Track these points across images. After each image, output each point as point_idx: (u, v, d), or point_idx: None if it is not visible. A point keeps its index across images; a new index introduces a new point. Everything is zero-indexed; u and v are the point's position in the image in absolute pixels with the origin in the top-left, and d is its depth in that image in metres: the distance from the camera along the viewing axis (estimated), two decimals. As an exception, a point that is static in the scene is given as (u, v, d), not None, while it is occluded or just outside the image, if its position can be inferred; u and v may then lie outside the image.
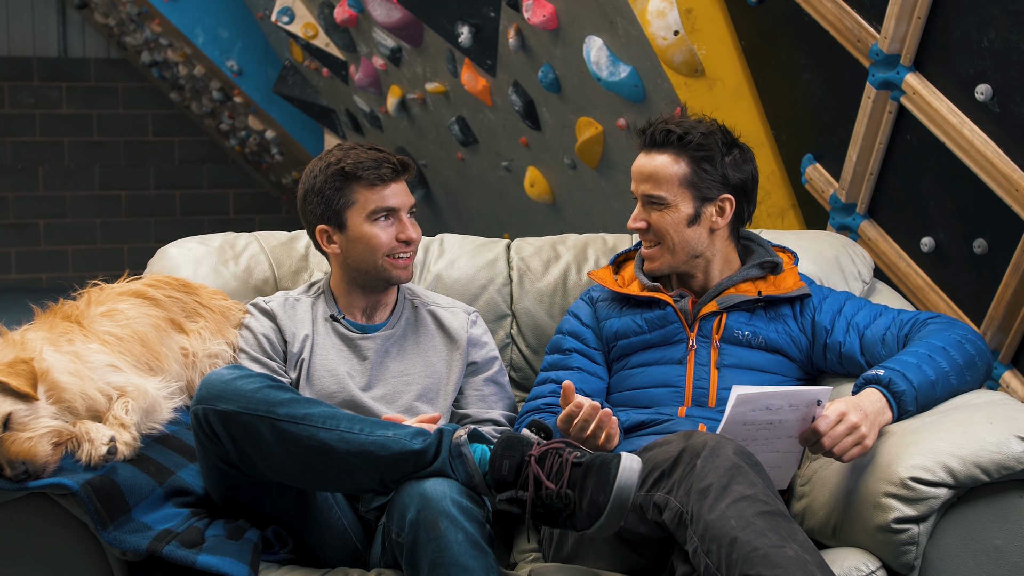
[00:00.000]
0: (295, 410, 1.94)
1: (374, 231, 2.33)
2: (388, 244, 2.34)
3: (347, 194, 2.33)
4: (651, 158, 2.32)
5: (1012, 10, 2.41)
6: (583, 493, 1.82)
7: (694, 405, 2.27)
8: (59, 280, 6.44)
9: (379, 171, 2.31)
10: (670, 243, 2.32)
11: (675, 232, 2.31)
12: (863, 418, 1.95)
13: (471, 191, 6.11)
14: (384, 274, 2.36)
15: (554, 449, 1.87)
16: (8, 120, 9.83)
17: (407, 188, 2.38)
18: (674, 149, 2.30)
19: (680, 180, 2.29)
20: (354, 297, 2.42)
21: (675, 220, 2.30)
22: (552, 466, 1.85)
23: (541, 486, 1.84)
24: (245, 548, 1.96)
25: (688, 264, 2.34)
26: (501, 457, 1.88)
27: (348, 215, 2.34)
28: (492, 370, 2.45)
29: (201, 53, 7.75)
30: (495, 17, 4.28)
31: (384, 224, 2.34)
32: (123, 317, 2.23)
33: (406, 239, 2.35)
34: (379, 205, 2.33)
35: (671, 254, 2.33)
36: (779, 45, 3.22)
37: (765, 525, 1.75)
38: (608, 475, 1.80)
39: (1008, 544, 1.88)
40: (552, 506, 1.84)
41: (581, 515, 1.82)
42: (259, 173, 10.21)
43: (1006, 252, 2.56)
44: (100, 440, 1.97)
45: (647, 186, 2.31)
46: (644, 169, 2.32)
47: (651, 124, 2.33)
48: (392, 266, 2.36)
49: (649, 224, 2.32)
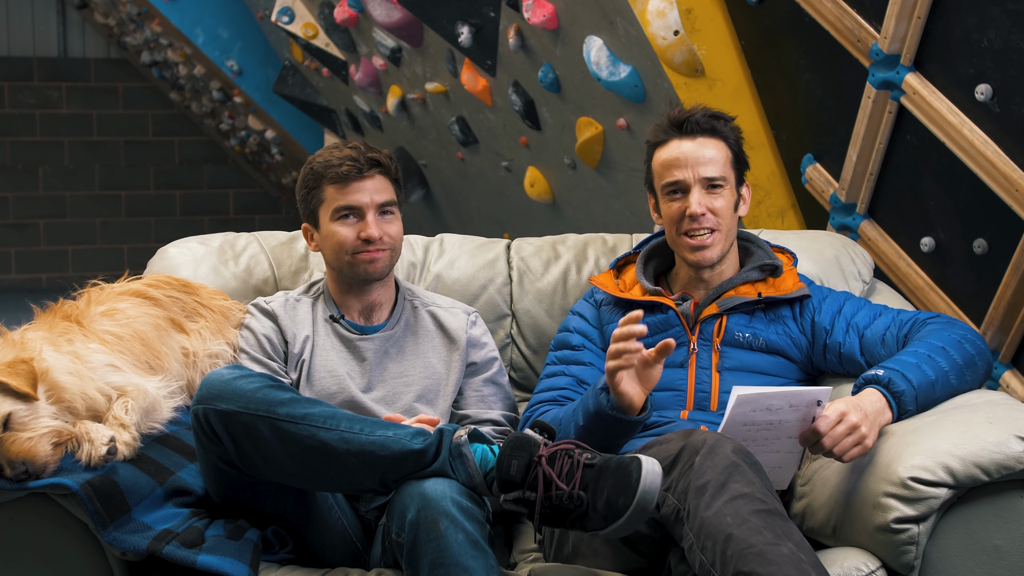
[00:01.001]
0: (295, 410, 1.93)
1: (337, 228, 2.34)
2: (351, 243, 2.33)
3: (318, 193, 2.35)
4: (699, 142, 2.30)
5: (1012, 10, 2.41)
6: (597, 494, 1.81)
7: (696, 409, 2.27)
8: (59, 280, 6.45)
9: (339, 169, 2.32)
10: (726, 227, 2.31)
11: (729, 215, 2.31)
12: (863, 418, 1.95)
13: (471, 191, 6.11)
14: (354, 271, 2.36)
15: (563, 450, 1.87)
16: (8, 120, 9.83)
17: (381, 185, 2.35)
18: (716, 134, 2.31)
19: (730, 162, 2.32)
20: (347, 298, 2.42)
21: (728, 203, 2.31)
22: (563, 467, 1.84)
23: (551, 487, 1.83)
24: (245, 548, 1.96)
25: (730, 251, 2.35)
26: (510, 457, 1.87)
27: (320, 214, 2.36)
28: (491, 371, 2.45)
29: (201, 53, 7.75)
30: (495, 17, 4.28)
31: (349, 222, 2.34)
32: (123, 317, 2.23)
33: (366, 237, 2.33)
34: (341, 203, 2.33)
35: (726, 239, 2.32)
36: (779, 45, 3.22)
37: (761, 523, 1.75)
38: (629, 477, 1.78)
39: (1008, 544, 1.88)
40: (562, 507, 1.83)
41: (595, 516, 1.81)
42: (259, 173, 10.21)
43: (1006, 252, 2.56)
44: (100, 440, 1.97)
45: (709, 168, 2.29)
46: (697, 154, 2.30)
47: (688, 112, 2.33)
48: (360, 262, 2.34)
49: (709, 210, 2.30)
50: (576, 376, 2.36)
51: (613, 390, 2.06)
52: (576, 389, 2.34)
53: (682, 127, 2.31)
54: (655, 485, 1.78)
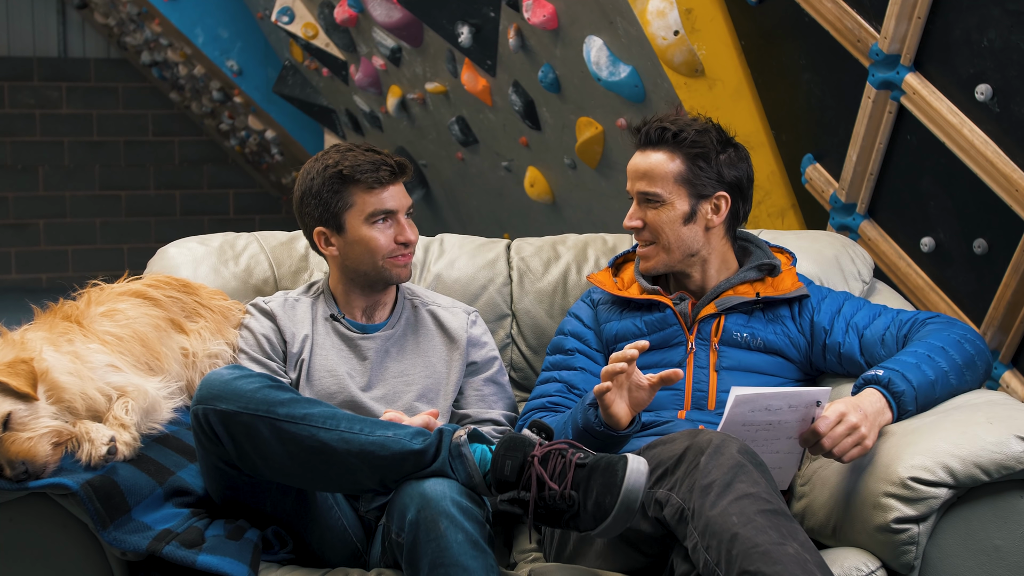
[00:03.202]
0: (295, 410, 1.94)
1: (373, 234, 2.33)
2: (387, 247, 2.34)
3: (345, 197, 2.33)
4: (646, 156, 2.32)
5: (1012, 10, 2.41)
6: (588, 494, 1.82)
7: (693, 408, 2.27)
8: (59, 280, 6.44)
9: (377, 174, 2.32)
10: (665, 241, 2.31)
11: (670, 230, 2.30)
12: (863, 419, 1.95)
13: (471, 191, 6.11)
14: (384, 275, 2.37)
15: (557, 450, 1.87)
16: (8, 120, 9.83)
17: (404, 189, 2.39)
18: (669, 147, 2.30)
19: (675, 177, 2.29)
20: (353, 297, 2.42)
21: (670, 218, 2.30)
22: (555, 467, 1.85)
23: (544, 487, 1.84)
24: (245, 548, 1.96)
25: (684, 263, 2.34)
26: (503, 457, 1.88)
27: (346, 218, 2.34)
28: (492, 370, 2.45)
29: (201, 53, 7.75)
30: (495, 17, 4.28)
31: (383, 226, 2.34)
32: (123, 317, 2.23)
33: (404, 241, 2.35)
34: (377, 208, 2.33)
35: (667, 253, 2.32)
36: (779, 45, 3.22)
37: (766, 523, 1.75)
38: (615, 476, 1.79)
39: (1008, 544, 1.88)
40: (555, 507, 1.84)
41: (586, 516, 1.82)
42: (259, 173, 10.21)
43: (1006, 252, 2.56)
44: (100, 440, 1.97)
45: (642, 183, 2.31)
46: (639, 167, 2.32)
47: (646, 123, 2.34)
48: (392, 266, 2.36)
49: (644, 223, 2.32)
50: (567, 381, 2.36)
51: (602, 408, 2.07)
52: (566, 395, 2.35)
53: (638, 139, 2.34)
54: (639, 484, 1.79)
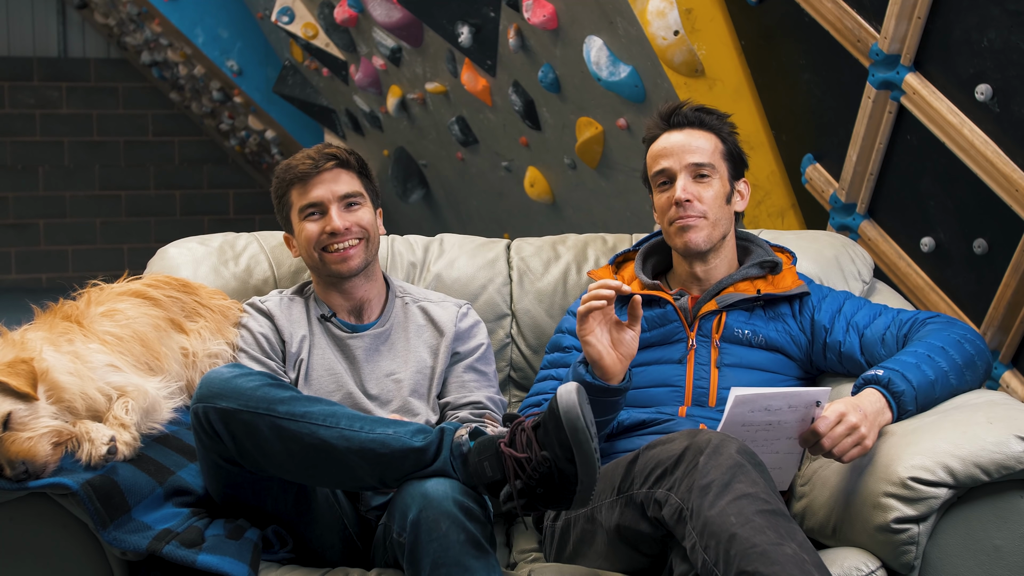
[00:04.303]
0: (295, 408, 1.94)
1: (305, 227, 2.37)
2: (316, 238, 2.35)
3: (286, 199, 2.40)
4: (687, 133, 2.34)
5: (1012, 10, 2.41)
6: (552, 447, 1.82)
7: (694, 404, 2.27)
8: (59, 280, 6.44)
9: (297, 169, 2.36)
10: (713, 217, 2.32)
11: (717, 205, 2.32)
12: (863, 419, 1.95)
13: (471, 191, 6.11)
14: (327, 269, 2.37)
15: (515, 426, 1.88)
16: (8, 120, 9.82)
17: (341, 178, 2.36)
18: (706, 128, 2.34)
19: (721, 153, 2.34)
20: (332, 296, 2.43)
21: (717, 193, 2.32)
22: (521, 441, 1.86)
23: (523, 464, 1.84)
24: (245, 547, 1.96)
25: (716, 245, 2.34)
26: (479, 463, 1.88)
27: (292, 218, 2.40)
28: (473, 357, 2.44)
29: (201, 53, 7.75)
30: (495, 17, 4.29)
31: (315, 219, 2.36)
32: (123, 317, 2.23)
33: (331, 230, 2.34)
34: (305, 202, 2.36)
35: (713, 228, 2.33)
36: (779, 45, 3.22)
37: (764, 523, 1.75)
38: (556, 412, 1.81)
39: (1008, 544, 1.88)
40: (546, 478, 1.82)
41: (566, 467, 1.81)
42: (259, 173, 10.20)
43: (1006, 252, 2.56)
44: (100, 440, 1.97)
45: (695, 155, 2.32)
46: (684, 143, 2.33)
47: (678, 105, 2.36)
48: (329, 260, 2.36)
49: (695, 196, 2.31)
50: (562, 378, 2.36)
51: (591, 362, 2.08)
52: None
53: (670, 120, 2.36)
54: (571, 402, 1.80)
